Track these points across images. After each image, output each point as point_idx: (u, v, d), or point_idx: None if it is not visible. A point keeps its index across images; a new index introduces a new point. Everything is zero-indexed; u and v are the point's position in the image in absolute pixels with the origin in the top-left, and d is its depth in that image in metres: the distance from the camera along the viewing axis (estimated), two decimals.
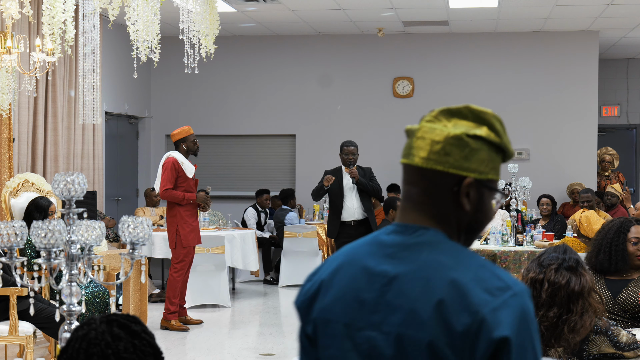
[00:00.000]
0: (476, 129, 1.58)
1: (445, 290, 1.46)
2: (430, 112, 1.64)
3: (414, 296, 1.48)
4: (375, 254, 1.55)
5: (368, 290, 1.52)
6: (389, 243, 1.56)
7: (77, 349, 1.72)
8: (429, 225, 1.56)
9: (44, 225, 2.91)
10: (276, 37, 12.56)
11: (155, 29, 5.75)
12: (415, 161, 1.58)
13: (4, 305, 5.52)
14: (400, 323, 1.47)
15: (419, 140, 1.58)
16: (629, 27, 11.53)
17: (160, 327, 7.75)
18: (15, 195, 6.82)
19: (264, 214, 11.44)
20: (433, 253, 1.51)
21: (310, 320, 1.60)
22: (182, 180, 7.75)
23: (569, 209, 11.25)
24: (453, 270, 1.48)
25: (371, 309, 1.51)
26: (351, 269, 1.56)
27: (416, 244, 1.54)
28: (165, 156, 7.84)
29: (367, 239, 1.61)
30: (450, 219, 1.56)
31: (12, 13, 5.42)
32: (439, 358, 1.44)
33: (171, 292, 7.78)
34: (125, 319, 1.77)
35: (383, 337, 1.49)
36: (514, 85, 12.13)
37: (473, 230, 1.59)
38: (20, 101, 8.59)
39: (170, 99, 12.78)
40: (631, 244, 4.16)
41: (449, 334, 1.43)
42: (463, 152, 1.55)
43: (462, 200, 1.55)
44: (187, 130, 7.89)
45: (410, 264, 1.51)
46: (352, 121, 12.39)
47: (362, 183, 8.20)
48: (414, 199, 1.60)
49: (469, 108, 1.63)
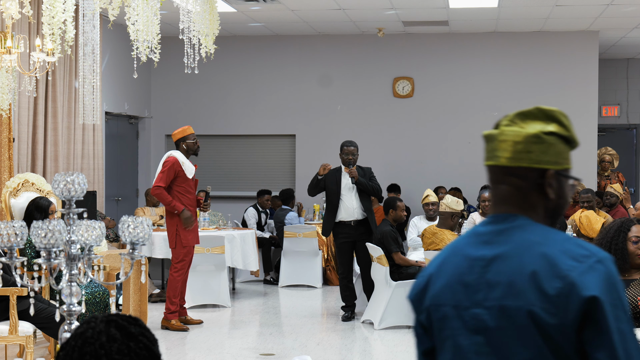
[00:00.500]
0: (548, 126, 1.78)
1: (537, 262, 1.68)
2: (505, 117, 1.83)
3: (510, 271, 1.70)
4: (473, 243, 1.80)
5: (470, 274, 1.76)
6: (484, 232, 1.80)
7: (73, 346, 1.72)
8: (518, 213, 1.79)
9: (44, 225, 2.91)
10: (276, 37, 12.56)
11: (155, 29, 5.75)
12: (502, 162, 1.79)
13: (4, 305, 5.52)
14: (500, 297, 1.70)
15: (501, 143, 1.79)
16: (629, 27, 11.53)
17: (160, 327, 7.75)
18: (15, 195, 6.82)
19: (264, 214, 11.44)
20: (524, 234, 1.74)
21: (423, 309, 1.85)
22: (181, 181, 7.74)
23: (569, 208, 11.25)
24: (542, 246, 1.71)
25: (474, 289, 1.74)
26: (454, 258, 1.81)
27: (508, 229, 1.76)
28: (167, 155, 7.83)
29: (466, 233, 1.87)
30: (538, 207, 1.79)
31: (12, 13, 5.42)
32: (536, 321, 1.65)
33: (171, 292, 7.78)
34: (125, 320, 1.76)
35: (487, 312, 1.71)
36: (514, 85, 12.13)
37: (557, 215, 1.82)
38: (20, 101, 8.59)
39: (170, 99, 12.78)
40: (631, 243, 4.17)
41: (544, 299, 1.65)
42: (541, 148, 1.77)
43: (547, 190, 1.77)
44: (187, 129, 7.89)
45: (504, 246, 1.74)
46: (352, 121, 12.39)
47: (362, 183, 8.19)
48: (503, 194, 1.81)
49: (539, 109, 1.82)
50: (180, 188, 7.73)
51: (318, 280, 10.50)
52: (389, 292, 7.72)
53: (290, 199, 11.38)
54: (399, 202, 8.34)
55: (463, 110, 12.24)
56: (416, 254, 8.79)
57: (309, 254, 10.50)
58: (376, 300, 7.95)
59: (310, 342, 7.31)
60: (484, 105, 12.22)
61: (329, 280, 10.70)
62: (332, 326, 8.04)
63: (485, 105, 12.21)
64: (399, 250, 7.93)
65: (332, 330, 7.85)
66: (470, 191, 11.90)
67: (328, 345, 7.28)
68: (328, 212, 8.37)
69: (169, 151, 7.90)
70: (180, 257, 7.79)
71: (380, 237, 7.94)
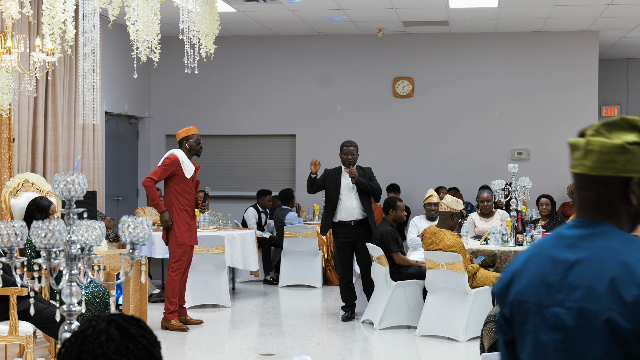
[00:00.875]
0: (632, 136, 1.87)
1: (617, 269, 1.78)
2: (591, 126, 1.91)
3: (590, 276, 1.81)
4: (557, 245, 1.90)
5: (553, 274, 1.87)
6: (569, 235, 1.90)
7: (73, 344, 1.72)
8: (602, 220, 1.89)
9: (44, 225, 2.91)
10: (276, 37, 12.56)
11: (155, 29, 5.75)
12: (587, 170, 1.88)
13: (4, 305, 5.52)
14: (580, 299, 1.81)
15: (588, 153, 1.88)
16: (629, 27, 11.53)
17: (160, 327, 7.75)
18: (15, 195, 6.81)
19: (264, 214, 11.44)
20: (605, 241, 1.85)
21: (507, 303, 1.95)
22: (180, 180, 7.73)
23: (569, 208, 11.25)
24: (622, 254, 1.81)
25: (556, 289, 1.85)
26: (539, 258, 1.92)
27: (591, 234, 1.87)
28: (169, 152, 7.85)
29: (550, 235, 1.96)
30: (620, 213, 1.89)
31: (12, 13, 5.42)
32: (612, 325, 1.75)
33: (170, 292, 7.77)
34: (127, 320, 1.76)
35: (566, 312, 1.83)
36: (514, 85, 12.13)
37: (638, 219, 1.92)
38: (20, 101, 8.59)
39: (170, 99, 12.79)
40: None
41: (621, 305, 1.75)
42: (626, 157, 1.86)
43: (630, 197, 1.87)
44: (192, 129, 7.91)
45: (587, 251, 1.85)
46: (352, 121, 12.39)
47: (362, 183, 8.19)
48: (588, 200, 1.91)
49: (624, 119, 1.91)
50: (179, 187, 7.72)
51: (318, 280, 10.50)
52: (389, 292, 7.72)
53: (290, 199, 11.38)
54: (399, 202, 8.34)
55: (463, 110, 12.24)
56: (416, 254, 8.79)
57: (309, 254, 10.50)
58: (376, 300, 7.95)
59: (310, 342, 7.31)
60: (484, 105, 12.22)
61: (329, 280, 10.70)
62: (332, 326, 8.04)
63: (485, 105, 12.21)
64: (399, 250, 7.92)
65: (332, 330, 7.85)
66: (469, 191, 11.90)
67: (328, 345, 7.28)
68: (326, 211, 8.38)
69: (172, 149, 7.90)
70: (177, 256, 7.78)
71: (380, 237, 7.93)
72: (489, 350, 3.36)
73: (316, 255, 10.52)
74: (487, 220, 9.13)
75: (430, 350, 7.02)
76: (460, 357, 6.77)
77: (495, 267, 7.75)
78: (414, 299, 7.79)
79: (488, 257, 7.80)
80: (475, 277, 7.37)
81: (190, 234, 7.81)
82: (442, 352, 6.88)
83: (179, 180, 7.72)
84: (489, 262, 7.80)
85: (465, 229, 8.82)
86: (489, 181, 10.22)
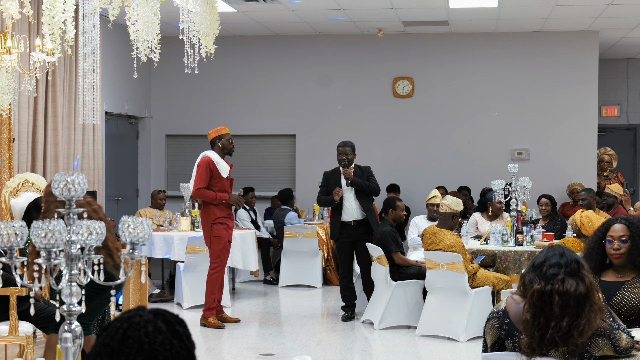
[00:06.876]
0: None
1: None
2: None
3: None
4: None
5: None
6: None
7: (117, 328, 1.74)
8: None
9: (44, 225, 2.90)
10: (276, 37, 12.56)
11: (155, 29, 5.75)
12: None
13: (4, 306, 5.53)
14: None
15: None
16: (629, 27, 11.53)
17: (200, 325, 7.90)
18: (15, 195, 6.81)
19: (252, 212, 11.38)
20: None
21: None
22: (216, 180, 7.85)
23: (569, 208, 11.25)
24: None
25: None
26: None
27: None
28: (201, 155, 7.97)
29: None
30: None
31: (12, 13, 5.42)
32: None
33: (209, 289, 7.88)
34: (173, 317, 1.79)
35: None
36: (514, 85, 12.13)
37: None
38: (20, 101, 8.59)
39: (170, 99, 12.78)
40: (607, 242, 4.12)
41: None
42: None
43: None
44: (223, 129, 8.01)
45: None
46: (352, 121, 12.39)
47: (357, 183, 8.20)
48: None
49: None
50: (215, 188, 7.83)
51: (318, 280, 10.50)
52: (389, 292, 7.72)
53: (290, 199, 11.37)
54: (399, 202, 8.34)
55: (463, 110, 12.24)
56: (416, 254, 8.79)
57: (309, 254, 10.50)
58: (376, 300, 7.95)
59: (310, 342, 7.31)
60: (484, 105, 12.21)
61: (329, 280, 10.70)
62: (332, 326, 8.04)
63: (485, 105, 12.21)
64: (399, 250, 7.92)
65: (332, 330, 7.85)
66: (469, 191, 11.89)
67: (328, 345, 7.28)
68: (333, 214, 8.39)
69: (204, 151, 7.98)
70: (217, 253, 7.85)
71: (380, 237, 7.93)
72: (492, 347, 3.36)
73: (316, 255, 10.52)
74: (493, 222, 9.07)
75: (430, 350, 7.02)
76: (460, 357, 6.77)
77: (495, 267, 7.75)
78: (414, 299, 7.79)
79: (488, 257, 7.80)
80: (475, 277, 7.37)
81: (227, 230, 7.90)
82: (442, 352, 6.88)
83: (215, 180, 7.86)
84: (489, 262, 7.80)
85: (465, 229, 8.81)
86: (488, 181, 10.22)
